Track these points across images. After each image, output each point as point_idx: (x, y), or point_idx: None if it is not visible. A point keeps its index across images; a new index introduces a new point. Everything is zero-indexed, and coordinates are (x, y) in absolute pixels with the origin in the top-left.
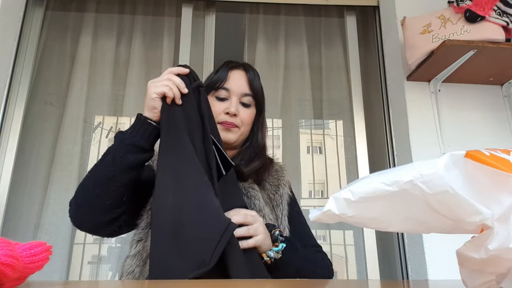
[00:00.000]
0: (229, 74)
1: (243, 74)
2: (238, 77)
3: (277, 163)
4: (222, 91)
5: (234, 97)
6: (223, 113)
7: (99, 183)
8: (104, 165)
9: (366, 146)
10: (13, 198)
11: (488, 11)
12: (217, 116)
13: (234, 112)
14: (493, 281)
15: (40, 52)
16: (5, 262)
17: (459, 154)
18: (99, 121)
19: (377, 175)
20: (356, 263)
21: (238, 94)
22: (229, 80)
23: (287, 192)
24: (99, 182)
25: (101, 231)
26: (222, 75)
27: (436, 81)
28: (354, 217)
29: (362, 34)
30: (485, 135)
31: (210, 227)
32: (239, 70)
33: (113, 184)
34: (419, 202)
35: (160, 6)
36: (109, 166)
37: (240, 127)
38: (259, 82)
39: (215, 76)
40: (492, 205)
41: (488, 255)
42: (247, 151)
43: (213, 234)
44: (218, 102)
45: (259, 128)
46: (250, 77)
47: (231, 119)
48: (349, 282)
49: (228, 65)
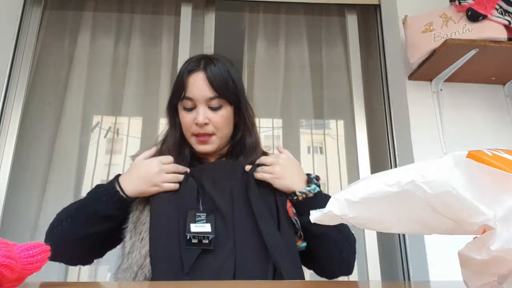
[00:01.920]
0: (188, 81)
1: (202, 76)
2: (198, 82)
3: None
4: (187, 101)
5: (200, 105)
6: (193, 124)
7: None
8: (78, 224)
9: (367, 146)
10: (11, 199)
11: (490, 10)
12: (189, 128)
13: (202, 121)
14: (495, 282)
15: (38, 52)
16: (3, 263)
17: (461, 154)
18: (97, 121)
19: (379, 175)
20: (357, 264)
21: (203, 101)
22: (189, 88)
23: None
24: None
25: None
26: (181, 83)
27: (438, 81)
28: (356, 218)
29: (363, 33)
30: (487, 135)
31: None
32: (197, 72)
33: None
34: (420, 202)
35: (159, 5)
36: (87, 225)
37: (216, 133)
38: (224, 74)
39: (176, 84)
40: (494, 205)
41: (490, 256)
42: (234, 147)
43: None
44: (186, 113)
45: (242, 121)
46: (211, 76)
47: (203, 129)
48: (350, 283)
49: (186, 68)
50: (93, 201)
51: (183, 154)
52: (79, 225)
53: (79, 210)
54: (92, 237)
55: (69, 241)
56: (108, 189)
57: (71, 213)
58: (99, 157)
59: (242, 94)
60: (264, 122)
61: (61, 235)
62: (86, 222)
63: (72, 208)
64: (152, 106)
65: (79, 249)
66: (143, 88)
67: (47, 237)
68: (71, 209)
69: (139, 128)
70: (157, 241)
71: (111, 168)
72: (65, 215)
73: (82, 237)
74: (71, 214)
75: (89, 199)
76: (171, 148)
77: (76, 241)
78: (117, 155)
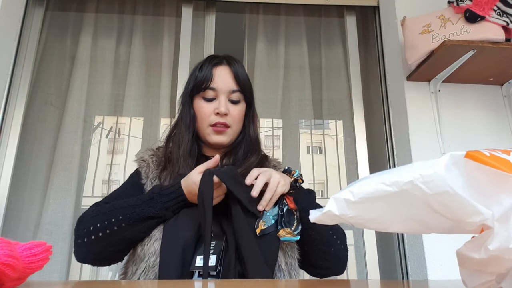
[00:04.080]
0: (213, 72)
1: (227, 70)
2: (223, 74)
3: (273, 159)
4: (209, 92)
5: (222, 96)
6: (213, 114)
7: (125, 243)
8: (135, 230)
9: (366, 146)
10: (13, 198)
11: (488, 11)
12: (207, 118)
13: (224, 111)
14: (493, 281)
15: (40, 52)
16: (5, 262)
17: (459, 154)
18: (99, 121)
19: (377, 175)
20: (356, 263)
21: (225, 93)
22: (215, 79)
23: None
24: (124, 242)
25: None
26: (206, 74)
27: (436, 81)
28: (355, 217)
29: (362, 34)
30: (485, 135)
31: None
32: (223, 66)
33: (134, 243)
34: (419, 202)
35: (160, 6)
36: (140, 233)
37: (232, 125)
38: (244, 73)
39: (200, 75)
40: (492, 205)
41: (488, 255)
42: (240, 146)
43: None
44: (206, 103)
45: (250, 121)
46: (235, 71)
47: (222, 119)
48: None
49: (211, 62)
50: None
51: (193, 154)
52: (137, 231)
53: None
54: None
55: (123, 244)
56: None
57: (127, 217)
58: (100, 157)
59: (253, 96)
60: (264, 122)
61: (114, 240)
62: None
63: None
64: (153, 107)
65: (129, 249)
66: (145, 89)
67: (86, 242)
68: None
69: (141, 128)
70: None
71: (113, 168)
72: (116, 218)
73: (140, 239)
74: (128, 217)
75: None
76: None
77: (132, 243)
78: (118, 155)
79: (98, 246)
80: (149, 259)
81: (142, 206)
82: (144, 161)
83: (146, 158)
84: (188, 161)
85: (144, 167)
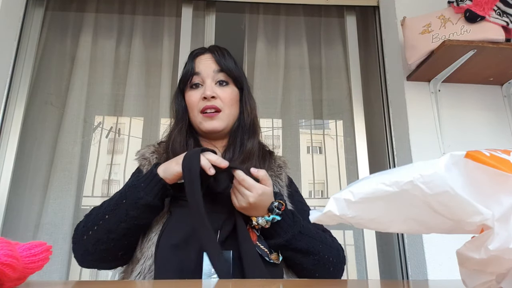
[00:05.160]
0: (195, 61)
1: (210, 55)
2: (205, 59)
3: (279, 157)
4: (195, 78)
5: (207, 80)
6: (201, 100)
7: (112, 237)
8: (117, 220)
9: (366, 146)
10: (13, 198)
11: (488, 11)
12: (196, 105)
13: (210, 94)
14: (493, 281)
15: (40, 52)
16: (5, 262)
17: (459, 154)
18: (99, 121)
19: (377, 175)
20: (356, 263)
21: (210, 75)
22: (197, 64)
23: (285, 185)
24: (111, 236)
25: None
26: (189, 65)
27: (436, 81)
28: (355, 218)
29: (362, 34)
30: (485, 135)
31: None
32: (204, 54)
33: (127, 238)
34: (419, 202)
35: (160, 6)
36: (122, 223)
37: (223, 109)
38: (229, 58)
39: (184, 70)
40: (492, 205)
41: (488, 255)
42: (237, 134)
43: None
44: (193, 91)
45: (244, 106)
46: (218, 55)
47: (210, 102)
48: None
49: (192, 54)
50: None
51: (189, 145)
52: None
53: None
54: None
55: (110, 240)
56: (147, 175)
57: (110, 208)
58: (100, 157)
59: (246, 81)
60: (264, 122)
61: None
62: (127, 214)
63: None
64: (153, 107)
65: (123, 248)
66: (144, 89)
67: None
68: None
69: (141, 128)
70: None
71: (113, 168)
72: (102, 213)
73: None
74: (111, 209)
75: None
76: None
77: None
78: (118, 155)
79: (90, 245)
80: (145, 263)
81: (121, 194)
82: (145, 159)
83: (147, 156)
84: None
85: (145, 165)
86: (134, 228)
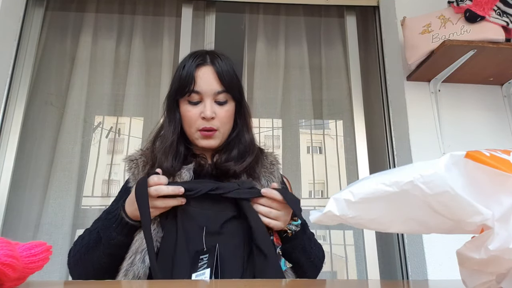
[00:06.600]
0: (196, 75)
1: (211, 70)
2: (206, 76)
3: (270, 154)
4: (194, 95)
5: (207, 99)
6: (199, 118)
7: (97, 267)
8: (97, 256)
9: (366, 146)
10: (13, 198)
11: (488, 11)
12: (194, 123)
13: (210, 115)
14: (493, 281)
15: (40, 52)
16: (5, 262)
17: (459, 154)
18: (99, 121)
19: (377, 175)
20: (356, 263)
21: (210, 95)
22: (198, 82)
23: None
24: (96, 266)
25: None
26: (189, 77)
27: (436, 81)
28: (355, 218)
29: (362, 34)
30: (485, 135)
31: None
32: (206, 66)
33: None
34: (419, 202)
35: (160, 6)
36: (102, 258)
37: (219, 128)
38: (230, 70)
39: (183, 76)
40: (492, 205)
41: (488, 255)
42: (234, 144)
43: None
44: (191, 107)
45: (242, 119)
46: (219, 71)
47: (209, 123)
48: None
49: (194, 61)
50: (104, 230)
51: (179, 153)
52: (99, 257)
53: (95, 243)
54: (118, 258)
55: (97, 269)
56: (116, 215)
57: (90, 245)
58: (100, 157)
59: (243, 91)
60: (264, 122)
61: (86, 266)
62: (104, 253)
63: (87, 240)
64: (153, 106)
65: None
66: (144, 89)
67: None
68: (88, 240)
69: (141, 128)
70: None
71: (113, 168)
72: (84, 248)
73: (109, 262)
74: (91, 246)
75: (100, 228)
76: (167, 148)
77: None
78: (118, 155)
79: (83, 272)
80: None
81: (97, 233)
82: (132, 161)
83: (133, 158)
84: (173, 161)
85: (132, 168)
86: (116, 258)
